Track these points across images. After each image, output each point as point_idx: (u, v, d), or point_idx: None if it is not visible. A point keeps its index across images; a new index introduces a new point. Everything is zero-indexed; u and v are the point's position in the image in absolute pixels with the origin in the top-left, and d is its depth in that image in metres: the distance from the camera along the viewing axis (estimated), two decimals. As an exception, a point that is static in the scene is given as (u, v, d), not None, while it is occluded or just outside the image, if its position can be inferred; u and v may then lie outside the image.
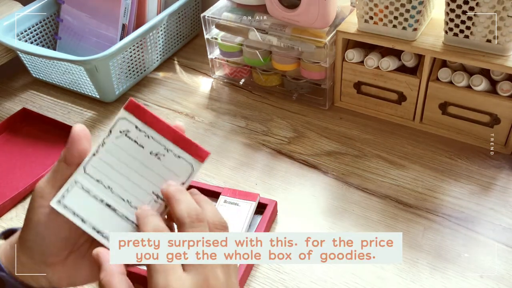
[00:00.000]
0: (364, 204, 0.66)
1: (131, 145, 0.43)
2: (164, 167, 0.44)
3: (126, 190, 0.43)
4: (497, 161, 0.70)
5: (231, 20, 0.81)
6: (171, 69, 0.97)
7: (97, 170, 0.42)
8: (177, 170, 0.44)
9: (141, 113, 0.43)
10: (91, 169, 0.42)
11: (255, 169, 0.73)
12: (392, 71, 0.75)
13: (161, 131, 0.44)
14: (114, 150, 0.43)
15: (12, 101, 0.91)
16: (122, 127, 0.43)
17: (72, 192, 0.41)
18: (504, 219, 0.62)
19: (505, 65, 0.64)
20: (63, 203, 0.41)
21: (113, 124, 0.43)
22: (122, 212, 0.43)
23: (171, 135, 0.44)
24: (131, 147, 0.43)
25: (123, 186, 0.43)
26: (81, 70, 0.84)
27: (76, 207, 0.41)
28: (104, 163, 0.43)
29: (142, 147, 0.44)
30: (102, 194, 0.42)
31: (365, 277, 0.57)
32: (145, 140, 0.44)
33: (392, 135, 0.77)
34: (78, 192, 0.41)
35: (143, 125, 0.44)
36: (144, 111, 0.43)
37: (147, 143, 0.43)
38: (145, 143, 0.44)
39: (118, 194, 0.42)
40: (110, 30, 0.91)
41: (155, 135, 0.44)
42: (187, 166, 0.44)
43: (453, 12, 0.65)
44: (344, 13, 0.78)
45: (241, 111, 0.84)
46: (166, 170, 0.44)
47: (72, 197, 0.41)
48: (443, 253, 0.59)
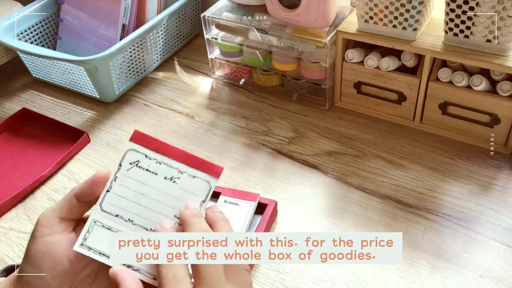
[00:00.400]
0: (364, 204, 0.66)
1: (144, 174, 0.43)
2: (181, 190, 0.44)
3: (147, 219, 0.43)
4: (497, 161, 0.70)
5: (231, 20, 0.81)
6: (171, 69, 0.97)
7: (113, 205, 0.42)
8: (195, 190, 0.44)
9: (148, 142, 0.44)
10: (107, 206, 0.42)
11: (255, 169, 0.73)
12: (392, 71, 0.75)
13: (171, 155, 0.44)
14: (127, 182, 0.43)
15: (12, 101, 0.91)
16: (132, 158, 0.44)
17: (94, 232, 0.41)
18: (504, 219, 0.62)
19: (505, 65, 0.64)
20: (86, 245, 0.41)
21: (122, 157, 0.43)
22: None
23: (182, 157, 0.44)
24: (144, 176, 0.43)
25: (143, 216, 0.42)
26: (81, 70, 0.84)
27: (100, 246, 0.41)
28: (119, 197, 0.43)
29: (155, 174, 0.44)
30: (124, 228, 0.42)
31: (365, 277, 0.57)
32: (157, 166, 0.44)
33: (392, 135, 0.77)
34: (99, 231, 0.41)
35: (152, 152, 0.44)
36: (150, 139, 0.44)
37: (160, 169, 0.44)
38: (158, 169, 0.44)
39: (140, 225, 0.42)
40: (110, 30, 0.91)
41: (166, 160, 0.44)
42: (204, 184, 0.44)
43: (453, 12, 0.65)
44: (344, 13, 0.78)
45: (241, 111, 0.84)
46: (184, 192, 0.44)
47: (94, 237, 0.41)
48: (443, 253, 0.59)
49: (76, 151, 0.78)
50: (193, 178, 0.44)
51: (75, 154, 0.78)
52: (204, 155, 0.76)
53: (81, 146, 0.79)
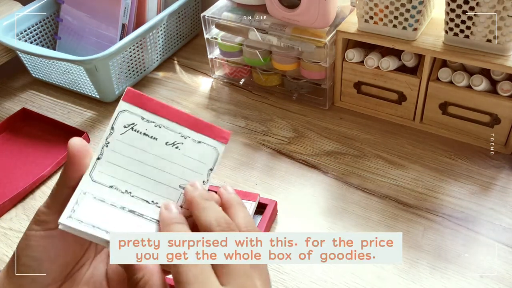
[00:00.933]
0: (364, 204, 0.66)
1: (141, 139, 0.37)
2: (186, 156, 0.38)
3: (148, 191, 0.37)
4: (497, 161, 0.70)
5: (231, 20, 0.81)
6: (171, 69, 0.97)
7: (106, 175, 0.36)
8: (201, 157, 0.39)
9: (144, 102, 0.38)
10: (99, 175, 0.36)
11: (255, 169, 0.73)
12: (392, 71, 0.74)
13: (172, 118, 0.38)
14: (122, 148, 0.37)
15: (12, 101, 0.91)
16: (126, 121, 0.38)
17: (83, 204, 0.35)
18: (504, 219, 0.62)
19: (505, 65, 0.64)
20: (75, 217, 0.34)
21: (114, 120, 0.37)
22: (150, 215, 0.37)
23: (185, 121, 0.39)
24: (142, 141, 0.37)
25: (143, 187, 0.37)
26: (81, 70, 0.84)
27: (93, 219, 0.35)
28: (113, 165, 0.37)
29: (155, 139, 0.38)
30: (120, 201, 0.36)
31: (365, 277, 0.57)
32: (156, 130, 0.38)
33: (392, 135, 0.77)
34: (90, 203, 0.35)
35: (149, 114, 0.38)
36: (147, 99, 0.38)
37: (160, 133, 0.38)
38: (157, 133, 0.38)
39: (140, 197, 0.37)
40: (110, 30, 0.91)
41: (166, 123, 0.38)
42: (210, 150, 0.39)
43: (453, 12, 0.65)
44: (344, 12, 0.78)
45: (241, 111, 0.84)
46: (189, 159, 0.38)
47: (84, 209, 0.35)
48: (443, 253, 0.59)
49: (76, 151, 0.78)
50: (198, 143, 0.39)
51: (75, 154, 0.78)
52: (204, 155, 0.76)
53: (81, 146, 0.78)
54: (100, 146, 0.37)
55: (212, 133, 0.40)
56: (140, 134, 0.38)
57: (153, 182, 0.37)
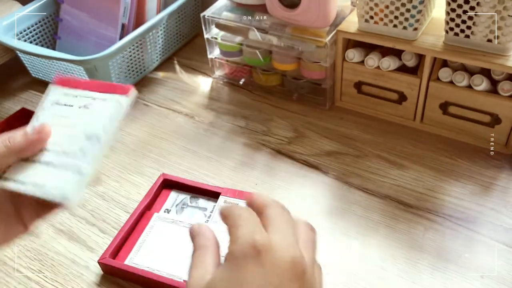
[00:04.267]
0: (365, 204, 0.66)
1: (62, 108, 0.48)
2: (95, 112, 0.47)
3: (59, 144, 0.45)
4: (497, 161, 0.70)
5: (231, 20, 0.81)
6: (171, 69, 0.97)
7: None
8: (108, 112, 0.46)
9: (66, 82, 0.49)
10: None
11: (255, 169, 0.72)
12: (392, 70, 0.74)
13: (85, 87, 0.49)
14: (48, 117, 0.47)
15: (12, 101, 0.91)
16: (52, 98, 0.49)
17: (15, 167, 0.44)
18: (505, 219, 0.62)
19: (506, 64, 0.64)
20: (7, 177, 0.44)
21: (44, 99, 0.48)
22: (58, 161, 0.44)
23: (94, 87, 0.48)
24: (62, 110, 0.47)
25: (57, 143, 0.45)
26: (80, 70, 0.84)
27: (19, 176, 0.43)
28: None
29: (71, 106, 0.48)
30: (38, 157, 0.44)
31: (365, 277, 0.57)
32: (72, 99, 0.48)
33: (393, 135, 0.76)
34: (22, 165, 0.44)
35: (69, 89, 0.49)
36: (68, 81, 0.49)
37: (75, 101, 0.48)
38: (73, 101, 0.48)
39: (54, 150, 0.45)
40: (110, 30, 0.91)
41: (80, 93, 0.48)
42: (115, 104, 0.47)
43: (454, 11, 0.65)
44: (345, 12, 0.78)
45: (241, 111, 0.84)
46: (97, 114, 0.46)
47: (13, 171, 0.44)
48: (444, 253, 0.59)
49: (76, 151, 0.78)
50: (104, 101, 0.47)
51: (75, 154, 0.78)
52: (204, 155, 0.76)
53: (80, 146, 0.78)
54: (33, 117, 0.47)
55: (115, 90, 0.48)
56: (61, 105, 0.48)
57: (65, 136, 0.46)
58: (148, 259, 0.59)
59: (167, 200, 0.67)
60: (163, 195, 0.67)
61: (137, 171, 0.74)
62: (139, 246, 0.60)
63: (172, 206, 0.66)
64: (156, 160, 0.75)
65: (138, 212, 0.63)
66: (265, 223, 0.35)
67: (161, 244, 0.61)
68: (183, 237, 0.61)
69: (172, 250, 0.59)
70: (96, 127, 0.46)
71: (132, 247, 0.60)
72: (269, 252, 0.33)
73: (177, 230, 0.62)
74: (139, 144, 0.79)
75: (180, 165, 0.74)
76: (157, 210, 0.65)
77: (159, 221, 0.63)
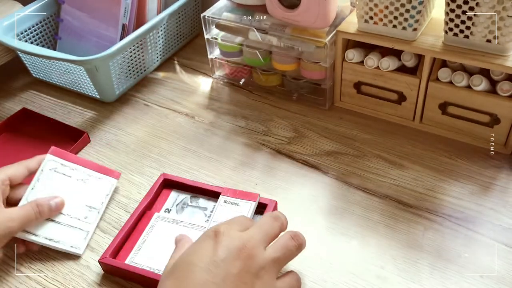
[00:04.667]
0: (364, 204, 0.66)
1: (61, 177, 0.62)
2: (90, 187, 0.63)
3: (67, 210, 0.60)
4: (497, 161, 0.70)
5: (231, 20, 0.81)
6: (171, 69, 0.97)
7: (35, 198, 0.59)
8: (100, 188, 0.64)
9: (63, 155, 0.63)
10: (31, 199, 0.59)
11: (255, 169, 0.73)
12: (392, 71, 0.75)
13: (82, 164, 0.64)
14: (48, 182, 0.61)
15: (12, 101, 0.91)
16: (51, 166, 0.62)
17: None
18: (504, 219, 0.62)
19: (505, 65, 0.64)
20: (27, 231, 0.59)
21: (43, 166, 0.61)
22: (66, 222, 0.60)
23: (90, 166, 0.64)
24: (61, 178, 0.62)
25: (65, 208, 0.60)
26: (81, 70, 0.84)
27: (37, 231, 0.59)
28: (41, 193, 0.60)
29: (70, 177, 0.62)
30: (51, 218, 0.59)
31: (365, 277, 0.57)
32: (70, 171, 0.62)
33: (392, 135, 0.77)
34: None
35: (66, 162, 0.63)
36: (65, 154, 0.63)
37: (73, 174, 0.62)
38: (71, 174, 0.62)
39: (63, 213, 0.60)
40: (110, 30, 0.91)
41: (78, 167, 0.63)
42: (107, 183, 0.65)
43: (453, 12, 0.65)
44: (344, 13, 0.79)
45: (241, 111, 0.84)
46: (92, 189, 0.63)
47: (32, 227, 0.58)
48: (443, 253, 0.59)
49: (76, 151, 0.78)
50: (99, 179, 0.64)
51: (75, 154, 0.78)
52: (204, 155, 0.76)
53: (81, 146, 0.79)
54: (33, 181, 0.60)
55: (107, 173, 0.66)
56: (59, 174, 0.62)
57: (68, 202, 0.61)
58: (148, 259, 0.59)
59: (167, 200, 0.67)
60: (163, 195, 0.68)
61: (138, 171, 0.74)
62: (140, 245, 0.61)
63: (172, 205, 0.66)
64: (156, 160, 0.76)
65: (138, 212, 0.63)
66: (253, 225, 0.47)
67: (161, 243, 0.61)
68: None
69: (172, 249, 0.60)
70: (96, 201, 0.63)
71: (132, 246, 0.61)
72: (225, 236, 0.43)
73: (178, 229, 0.62)
74: (139, 144, 0.79)
75: (180, 165, 0.74)
76: (157, 209, 0.66)
77: (160, 220, 0.63)
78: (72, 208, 0.61)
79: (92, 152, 0.78)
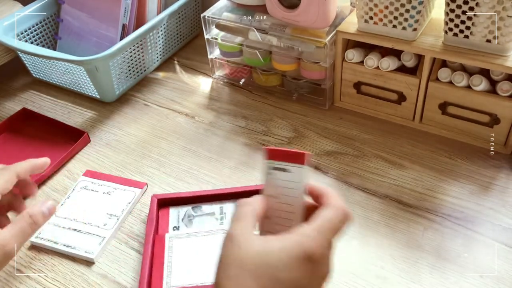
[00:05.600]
0: (364, 204, 0.66)
1: (89, 193, 0.69)
2: (114, 198, 0.68)
3: (86, 217, 0.66)
4: (496, 161, 0.71)
5: (231, 20, 0.81)
6: (171, 69, 0.97)
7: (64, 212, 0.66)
8: (124, 198, 0.68)
9: (95, 175, 0.71)
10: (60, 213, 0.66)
11: (255, 169, 0.73)
12: (392, 71, 0.75)
13: (108, 179, 0.71)
14: (76, 199, 0.68)
15: (12, 101, 0.91)
16: (82, 185, 0.70)
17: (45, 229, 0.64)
18: (504, 219, 0.62)
19: (504, 65, 0.64)
20: (39, 236, 0.63)
21: (75, 184, 0.70)
22: (86, 230, 0.64)
23: (118, 181, 0.70)
24: (88, 194, 0.69)
25: (84, 216, 0.66)
26: (81, 70, 0.84)
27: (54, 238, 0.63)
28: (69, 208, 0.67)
29: (96, 192, 0.69)
30: (69, 224, 0.65)
31: (365, 277, 0.57)
32: (98, 187, 0.70)
33: (392, 135, 0.77)
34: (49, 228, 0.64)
35: (95, 180, 0.71)
36: (97, 174, 0.72)
37: (100, 189, 0.69)
38: (99, 189, 0.69)
39: (81, 221, 0.65)
40: (110, 30, 0.91)
41: (105, 183, 0.70)
42: (130, 193, 0.69)
43: (453, 12, 0.65)
44: (344, 13, 0.79)
45: (241, 111, 0.84)
46: (115, 199, 0.68)
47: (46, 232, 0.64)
48: (443, 253, 0.59)
49: (76, 151, 0.78)
50: (124, 191, 0.69)
51: (75, 154, 0.78)
52: (204, 154, 0.76)
53: (81, 146, 0.79)
54: (64, 197, 0.69)
55: (133, 184, 0.70)
56: (88, 190, 0.69)
57: (91, 212, 0.66)
58: (184, 278, 0.57)
59: (170, 218, 0.64)
60: (162, 215, 0.65)
61: (138, 171, 0.74)
62: (169, 269, 0.58)
63: (178, 222, 0.64)
64: (156, 160, 0.76)
65: (150, 240, 0.60)
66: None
67: (188, 259, 0.58)
68: (206, 246, 0.59)
69: (202, 260, 0.58)
70: (117, 209, 0.67)
71: (162, 273, 0.57)
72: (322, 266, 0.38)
73: (197, 241, 0.60)
74: (139, 144, 0.79)
75: (180, 165, 0.74)
76: (165, 230, 0.63)
77: (174, 240, 0.61)
78: (93, 217, 0.65)
79: (92, 152, 0.78)
